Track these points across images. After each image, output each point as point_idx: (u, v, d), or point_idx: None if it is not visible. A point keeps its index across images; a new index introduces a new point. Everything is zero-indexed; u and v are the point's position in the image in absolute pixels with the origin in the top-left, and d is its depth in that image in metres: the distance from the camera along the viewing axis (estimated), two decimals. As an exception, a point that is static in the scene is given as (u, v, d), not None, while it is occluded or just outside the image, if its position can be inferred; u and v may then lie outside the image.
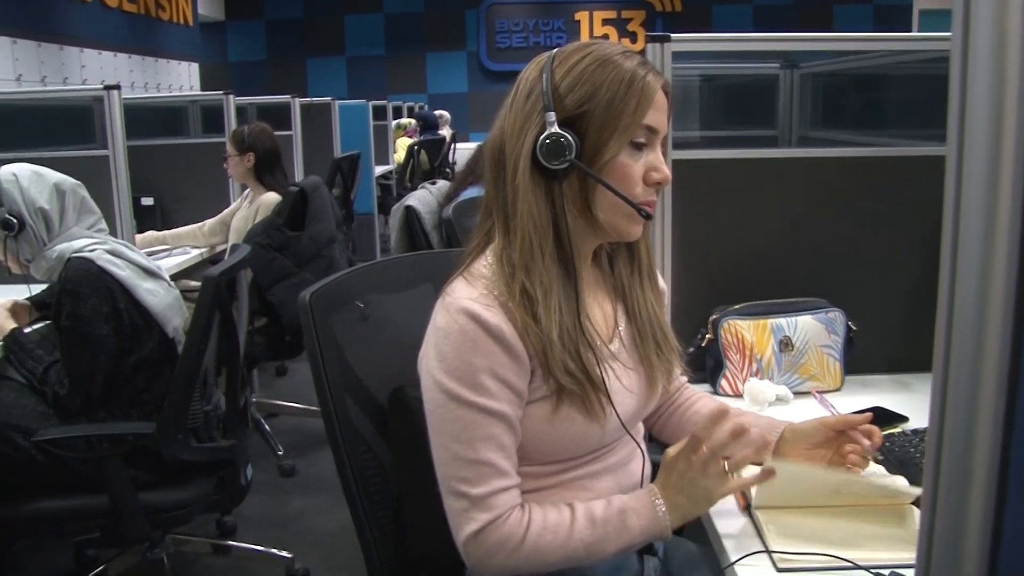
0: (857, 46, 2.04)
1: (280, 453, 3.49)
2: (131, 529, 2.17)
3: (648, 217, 1.19)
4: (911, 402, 1.77)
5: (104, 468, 2.08)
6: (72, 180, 2.27)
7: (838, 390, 1.85)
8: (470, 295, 1.15)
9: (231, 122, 4.08)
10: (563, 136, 1.14)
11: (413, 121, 9.64)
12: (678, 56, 1.79)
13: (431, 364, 1.16)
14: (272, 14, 13.28)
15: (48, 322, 2.40)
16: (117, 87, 2.89)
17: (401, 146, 8.84)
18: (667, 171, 1.20)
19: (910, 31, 12.37)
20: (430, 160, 8.89)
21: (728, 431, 1.16)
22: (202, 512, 2.31)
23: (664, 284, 1.38)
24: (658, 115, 1.18)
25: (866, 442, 1.33)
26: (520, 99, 1.19)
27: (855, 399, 1.79)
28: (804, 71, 2.91)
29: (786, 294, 1.89)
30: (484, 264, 1.20)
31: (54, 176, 2.24)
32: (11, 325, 2.27)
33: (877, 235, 1.96)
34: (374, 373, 1.35)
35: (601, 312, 1.28)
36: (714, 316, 1.81)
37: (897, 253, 1.96)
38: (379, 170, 7.99)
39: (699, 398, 1.50)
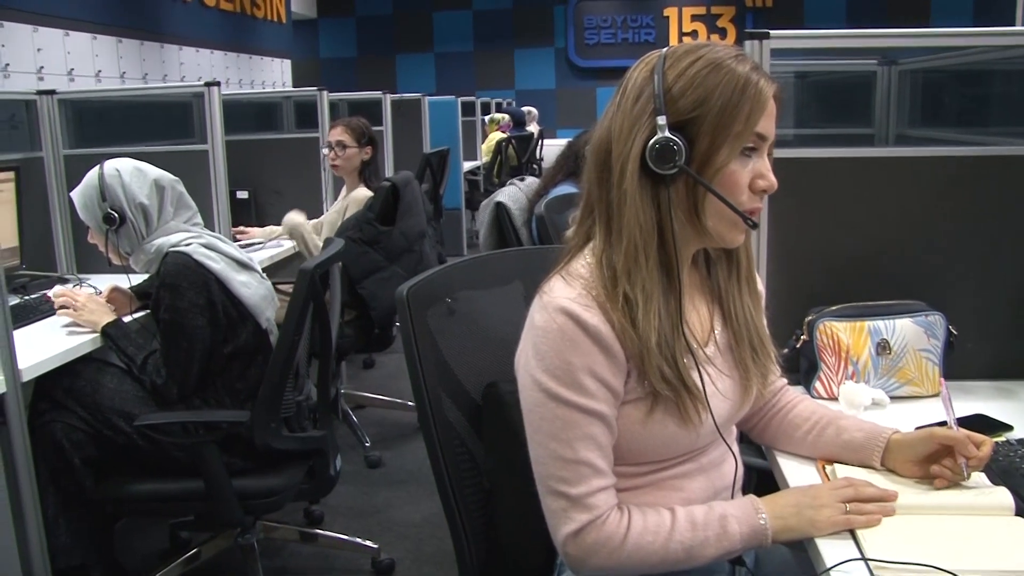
0: (961, 41, 1.96)
1: (367, 444, 3.55)
2: (224, 514, 2.23)
3: (754, 226, 1.18)
4: (1015, 410, 1.70)
5: (200, 454, 2.15)
6: (171, 176, 2.35)
7: (936, 396, 1.79)
8: (568, 294, 1.15)
9: (324, 117, 4.15)
10: (673, 141, 1.12)
11: (507, 116, 9.68)
12: (776, 53, 1.75)
13: (529, 363, 1.16)
14: (363, 11, 13.50)
15: (148, 311, 2.49)
16: (217, 84, 2.98)
17: (489, 142, 8.88)
18: (774, 179, 1.18)
19: (1014, 20, 11.88)
20: (518, 156, 8.91)
21: (876, 493, 1.22)
22: (292, 500, 2.36)
23: (762, 287, 1.36)
24: (769, 122, 1.16)
25: (963, 462, 1.29)
26: (629, 100, 1.17)
27: (955, 406, 1.73)
28: (903, 67, 2.83)
29: (883, 296, 1.83)
30: (583, 263, 1.19)
31: (154, 172, 2.32)
32: (111, 316, 2.35)
33: (979, 237, 1.88)
34: (468, 368, 1.36)
35: (697, 315, 1.27)
36: (810, 317, 1.77)
37: (1000, 256, 1.89)
38: (467, 166, 8.06)
39: (800, 401, 1.47)
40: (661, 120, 1.12)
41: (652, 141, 1.12)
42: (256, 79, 9.64)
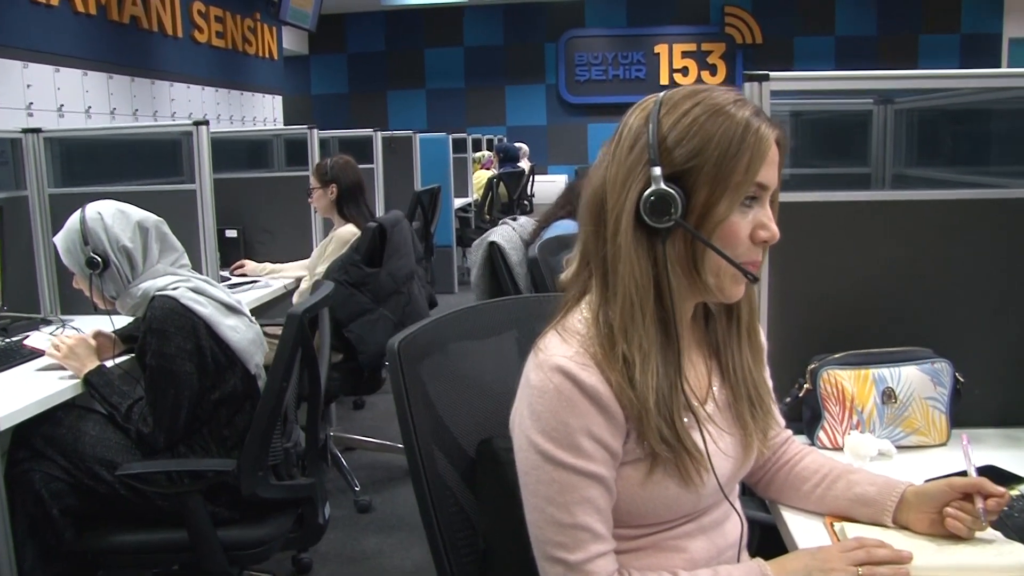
0: (968, 83, 1.93)
1: (357, 489, 3.47)
2: (209, 565, 2.16)
3: (755, 280, 1.12)
4: (1026, 460, 1.66)
5: (184, 503, 2.09)
6: (154, 217, 2.30)
7: (943, 445, 1.74)
8: (565, 352, 1.10)
9: (315, 155, 4.13)
10: (669, 193, 1.06)
11: (488, 153, 9.70)
12: (776, 95, 1.72)
13: (525, 424, 1.11)
14: (354, 48, 13.57)
15: (133, 356, 2.43)
16: (206, 122, 2.94)
17: (479, 179, 8.88)
18: (775, 229, 1.12)
19: (999, 60, 12.03)
20: (509, 193, 8.91)
21: (890, 555, 1.17)
22: (280, 550, 2.29)
23: (764, 340, 1.30)
24: (770, 171, 1.10)
25: (980, 504, 1.23)
26: (623, 149, 1.11)
27: (961, 454, 1.68)
28: (899, 106, 2.81)
29: (886, 343, 1.79)
30: (579, 318, 1.14)
31: (137, 214, 2.27)
32: (95, 362, 2.29)
33: (983, 281, 1.85)
34: (461, 423, 1.31)
35: (695, 372, 1.21)
36: (813, 365, 1.73)
37: (1006, 300, 1.85)
38: (458, 203, 8.04)
39: (807, 453, 1.42)
40: (656, 171, 1.07)
41: (647, 193, 1.07)
42: (247, 115, 9.64)
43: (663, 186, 1.06)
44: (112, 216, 2.21)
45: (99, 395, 2.23)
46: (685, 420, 1.12)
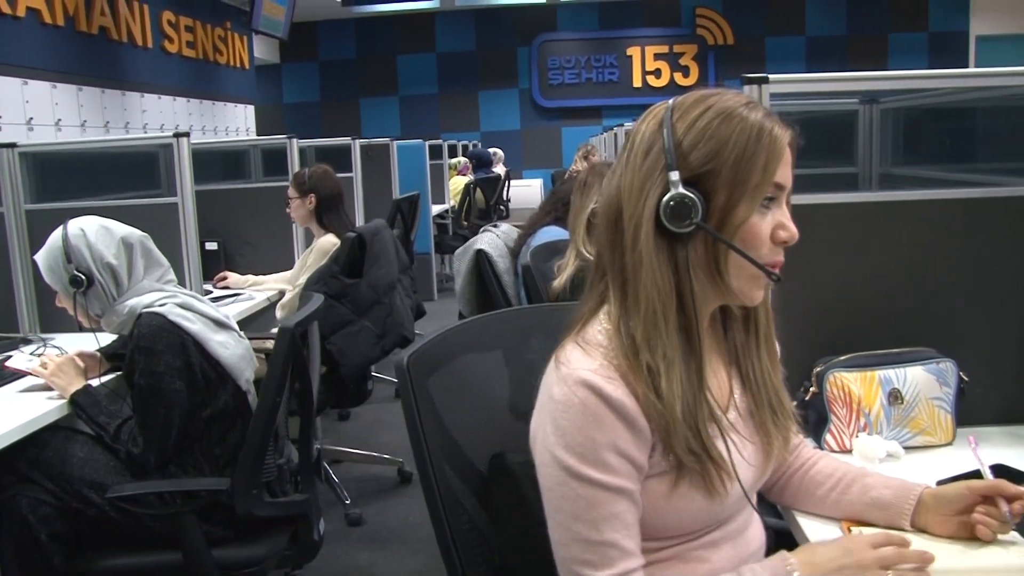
0: (977, 82, 1.93)
1: (347, 502, 3.42)
2: (204, 586, 2.11)
3: (778, 280, 1.12)
4: (1032, 457, 1.65)
5: (178, 524, 2.04)
6: (139, 232, 2.25)
7: (949, 444, 1.73)
8: (589, 366, 1.08)
9: (294, 165, 4.08)
10: (688, 197, 1.06)
11: (465, 159, 9.68)
12: (775, 96, 1.71)
13: (548, 439, 1.08)
14: (326, 55, 13.47)
15: (118, 374, 2.38)
16: (186, 134, 2.90)
17: (456, 185, 8.85)
18: (795, 229, 1.12)
19: (967, 58, 12.17)
20: (486, 198, 8.89)
21: (918, 556, 1.14)
22: (275, 568, 2.25)
23: (776, 344, 1.29)
24: (786, 170, 1.11)
25: (1005, 507, 1.23)
26: (637, 156, 1.11)
27: (968, 453, 1.66)
28: (884, 106, 2.81)
29: (888, 344, 1.78)
30: (599, 330, 1.12)
31: (121, 229, 2.22)
32: (81, 382, 2.23)
33: (981, 279, 1.84)
34: (471, 437, 1.28)
35: (716, 380, 1.20)
36: (818, 368, 1.71)
37: (1005, 298, 1.85)
38: (435, 209, 8.00)
39: (820, 457, 1.40)
40: (674, 176, 1.06)
41: (666, 198, 1.06)
42: (220, 125, 9.54)
43: (682, 190, 1.05)
44: (95, 232, 2.16)
45: (86, 415, 2.18)
46: (709, 429, 1.10)
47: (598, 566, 1.06)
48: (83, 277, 2.13)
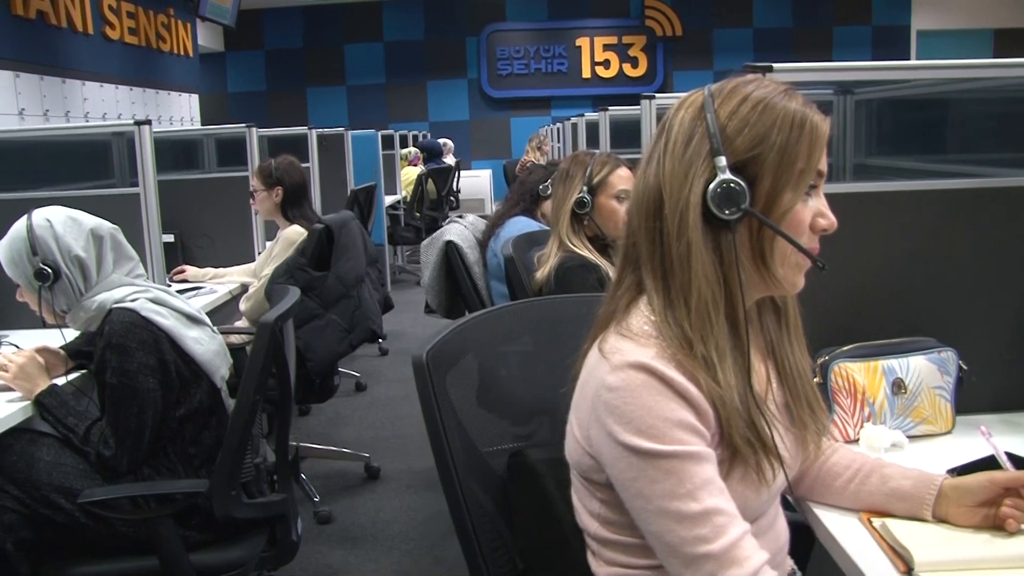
0: (976, 73, 1.93)
1: (316, 500, 3.34)
2: (182, 593, 2.03)
3: (823, 268, 1.09)
4: (1031, 444, 1.66)
5: (154, 529, 1.95)
6: (108, 224, 2.14)
7: (949, 433, 1.73)
8: (644, 354, 1.04)
9: (253, 155, 3.96)
10: (736, 182, 1.03)
11: (416, 150, 9.58)
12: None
13: (612, 432, 1.03)
14: (272, 44, 13.22)
15: (83, 372, 2.27)
16: (148, 122, 2.79)
17: (408, 176, 8.75)
18: (833, 217, 1.11)
19: (908, 51, 12.43)
20: (437, 189, 8.81)
21: None
22: (255, 570, 2.17)
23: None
24: (824, 159, 1.10)
25: None
26: (678, 144, 1.08)
27: (969, 441, 1.67)
28: (859, 97, 2.81)
29: (886, 334, 1.77)
30: (644, 321, 1.08)
31: (91, 221, 2.11)
32: (46, 382, 2.12)
33: (973, 268, 1.85)
34: (490, 435, 1.23)
35: (756, 372, 1.17)
36: (822, 359, 1.69)
37: (998, 287, 1.86)
38: (387, 200, 7.90)
39: (836, 449, 1.38)
40: (721, 161, 1.04)
41: (714, 184, 1.04)
42: (164, 114, 9.30)
43: (729, 175, 1.03)
44: (63, 224, 2.05)
45: (53, 417, 2.06)
46: (758, 420, 1.08)
47: (711, 539, 0.99)
48: (49, 270, 2.02)
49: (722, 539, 0.99)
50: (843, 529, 1.31)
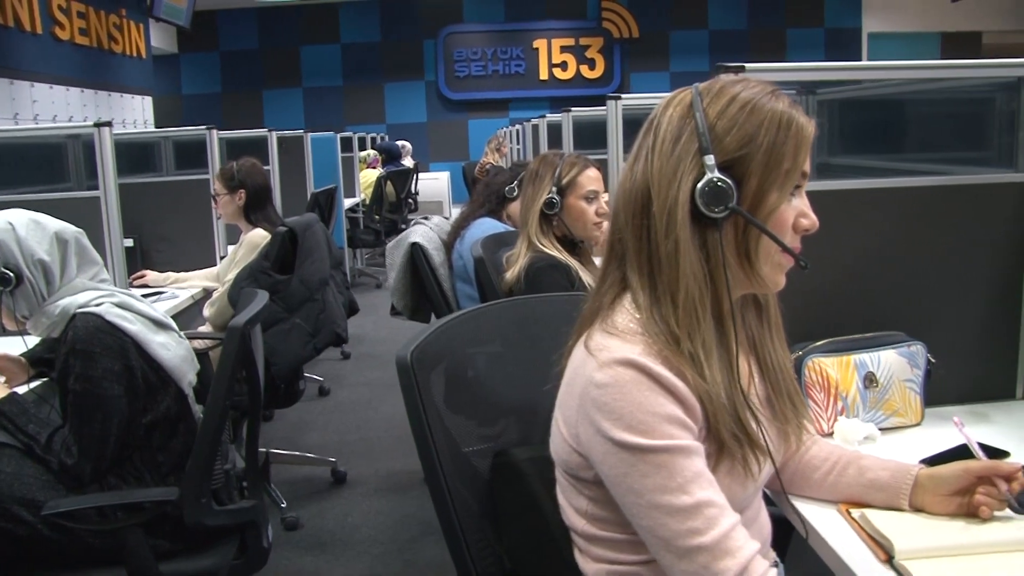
0: (958, 73, 1.96)
1: (283, 505, 3.30)
2: (151, 604, 1.99)
3: (806, 266, 1.12)
4: (997, 433, 1.71)
5: (121, 539, 1.91)
6: (73, 228, 2.09)
7: (918, 425, 1.76)
8: (631, 350, 1.04)
9: (214, 158, 3.91)
10: (724, 180, 1.05)
11: (374, 152, 9.53)
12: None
13: (601, 429, 1.03)
14: (227, 46, 13.06)
15: (44, 380, 2.22)
16: (109, 124, 2.74)
17: (367, 178, 8.70)
18: (815, 218, 1.13)
19: (859, 53, 12.64)
20: (396, 191, 8.78)
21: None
22: (224, 579, 2.14)
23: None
24: (809, 160, 1.12)
25: (1004, 486, 1.26)
26: (666, 142, 1.09)
27: (938, 432, 1.70)
28: (821, 97, 2.85)
29: (857, 329, 1.80)
30: (629, 318, 1.09)
31: (54, 224, 2.06)
32: (5, 390, 2.07)
33: (943, 264, 1.90)
34: (473, 435, 1.22)
35: (740, 368, 1.18)
36: (796, 354, 1.71)
37: (964, 282, 1.90)
38: (346, 203, 7.85)
39: (813, 442, 1.40)
40: (709, 160, 1.06)
41: (702, 182, 1.05)
42: (116, 117, 9.13)
43: (718, 174, 1.05)
44: (25, 227, 2.00)
45: (13, 426, 2.01)
46: (746, 413, 1.10)
47: (703, 531, 1.00)
48: (11, 274, 1.96)
49: (714, 531, 1.00)
50: (823, 521, 1.33)
